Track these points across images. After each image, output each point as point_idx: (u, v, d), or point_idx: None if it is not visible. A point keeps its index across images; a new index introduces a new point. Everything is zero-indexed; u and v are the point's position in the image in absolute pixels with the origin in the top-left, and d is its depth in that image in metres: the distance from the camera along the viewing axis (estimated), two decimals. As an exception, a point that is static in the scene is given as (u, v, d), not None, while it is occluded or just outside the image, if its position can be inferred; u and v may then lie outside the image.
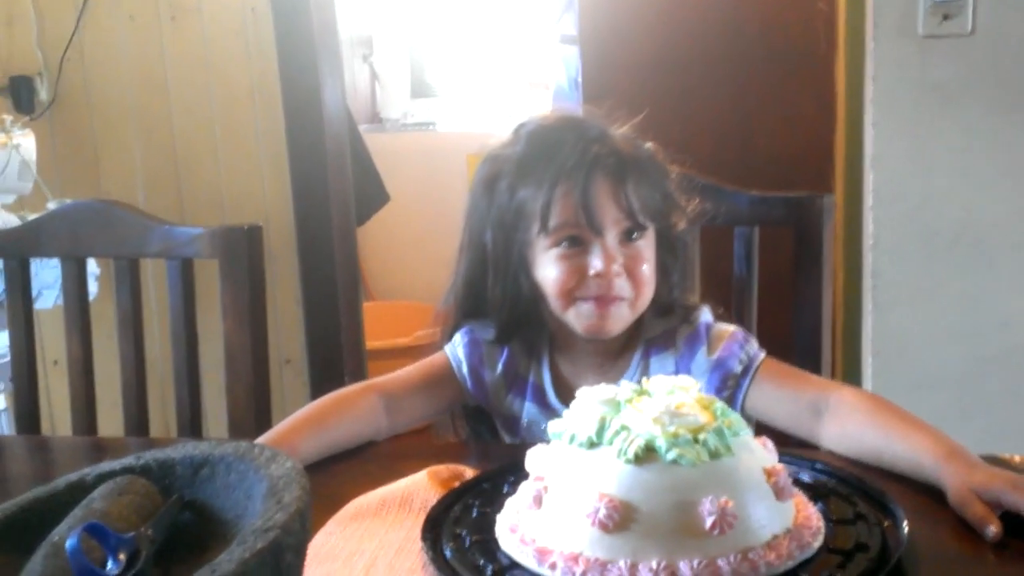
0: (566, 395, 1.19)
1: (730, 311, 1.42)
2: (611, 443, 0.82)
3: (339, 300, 2.62)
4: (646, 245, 1.16)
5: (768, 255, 1.46)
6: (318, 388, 2.58)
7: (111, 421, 1.65)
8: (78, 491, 0.77)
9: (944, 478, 0.91)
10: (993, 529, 0.84)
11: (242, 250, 1.45)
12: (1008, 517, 0.85)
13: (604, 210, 1.11)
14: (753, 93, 2.62)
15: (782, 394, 1.13)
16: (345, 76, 3.05)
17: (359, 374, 2.71)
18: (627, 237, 1.14)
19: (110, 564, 0.66)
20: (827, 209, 1.40)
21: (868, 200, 2.12)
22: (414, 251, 3.96)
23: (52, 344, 2.55)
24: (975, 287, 2.08)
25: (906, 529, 0.82)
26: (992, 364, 2.09)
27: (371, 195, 3.44)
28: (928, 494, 0.93)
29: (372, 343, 2.95)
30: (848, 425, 1.05)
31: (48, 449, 1.36)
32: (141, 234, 1.50)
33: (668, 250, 1.20)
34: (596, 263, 1.11)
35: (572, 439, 0.84)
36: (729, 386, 1.15)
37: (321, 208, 2.58)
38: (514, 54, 4.35)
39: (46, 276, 2.12)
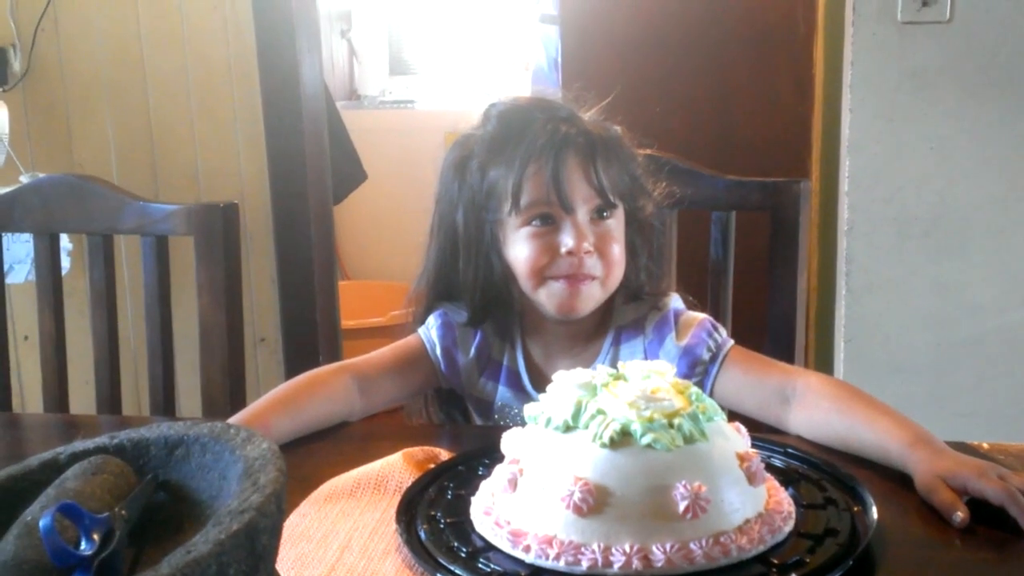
0: (537, 379, 1.20)
1: (706, 295, 1.43)
2: (587, 427, 0.82)
3: (315, 279, 2.61)
4: (616, 225, 1.17)
5: (744, 240, 1.47)
6: (293, 367, 2.56)
7: (83, 398, 1.64)
8: (51, 470, 0.76)
9: (911, 464, 0.92)
10: (960, 515, 0.85)
11: (218, 227, 1.44)
12: (974, 503, 0.86)
13: (575, 188, 1.12)
14: (732, 76, 2.62)
15: (749, 381, 1.13)
16: (323, 52, 3.01)
17: (334, 354, 2.70)
18: (598, 215, 1.15)
19: (84, 544, 0.66)
20: (804, 195, 1.41)
21: (844, 185, 2.13)
22: (391, 230, 3.93)
23: (23, 319, 2.51)
24: (948, 274, 2.10)
25: (875, 514, 0.83)
26: (964, 350, 2.11)
27: (348, 173, 3.41)
28: (896, 480, 0.94)
29: (347, 323, 2.94)
30: (814, 412, 1.06)
31: (19, 427, 1.35)
32: (115, 210, 1.48)
33: (637, 232, 1.21)
34: (567, 240, 1.12)
35: (548, 422, 0.85)
36: (697, 373, 1.15)
37: (298, 186, 2.56)
38: (494, 32, 4.33)
39: (18, 250, 2.09)
